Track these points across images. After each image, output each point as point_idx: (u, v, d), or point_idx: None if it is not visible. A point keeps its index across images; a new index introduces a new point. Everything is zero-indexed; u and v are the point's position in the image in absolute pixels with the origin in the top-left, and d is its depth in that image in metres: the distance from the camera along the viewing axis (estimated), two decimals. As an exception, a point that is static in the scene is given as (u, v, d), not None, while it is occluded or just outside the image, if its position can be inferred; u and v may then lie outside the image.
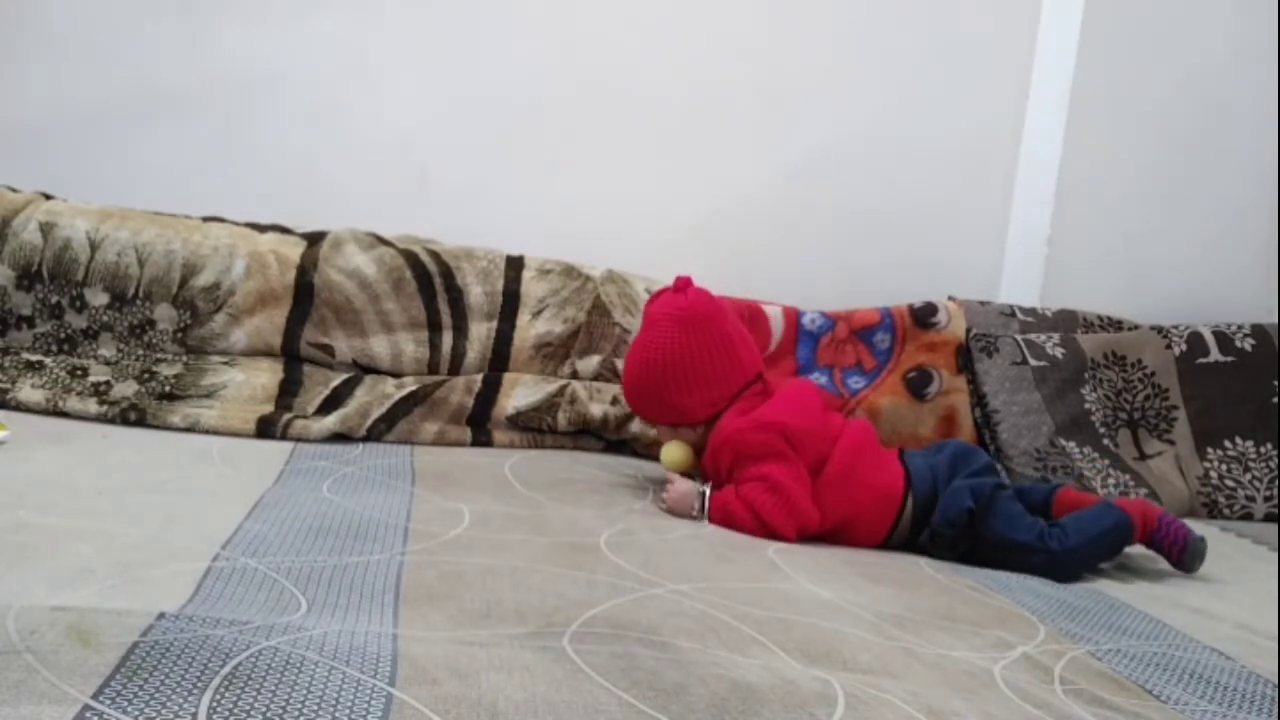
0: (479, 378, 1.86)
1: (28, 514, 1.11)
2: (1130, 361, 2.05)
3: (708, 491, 1.47)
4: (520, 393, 1.85)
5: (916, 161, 2.28)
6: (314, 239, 1.93)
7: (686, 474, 1.56)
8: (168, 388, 1.73)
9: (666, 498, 1.49)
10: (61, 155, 2.06)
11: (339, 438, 1.71)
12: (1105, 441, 1.97)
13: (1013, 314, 2.12)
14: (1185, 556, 1.44)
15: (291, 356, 1.87)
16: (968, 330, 2.05)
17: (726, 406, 1.55)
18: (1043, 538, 1.40)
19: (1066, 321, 2.14)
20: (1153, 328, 2.13)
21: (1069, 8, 2.25)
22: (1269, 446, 1.99)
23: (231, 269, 1.84)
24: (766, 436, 1.46)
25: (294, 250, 1.90)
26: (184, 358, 1.81)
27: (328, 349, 1.87)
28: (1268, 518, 1.93)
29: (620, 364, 1.93)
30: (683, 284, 1.60)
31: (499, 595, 1.01)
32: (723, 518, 1.44)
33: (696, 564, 1.21)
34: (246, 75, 2.10)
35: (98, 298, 1.81)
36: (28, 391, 1.67)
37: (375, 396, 1.78)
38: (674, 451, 1.58)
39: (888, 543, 1.47)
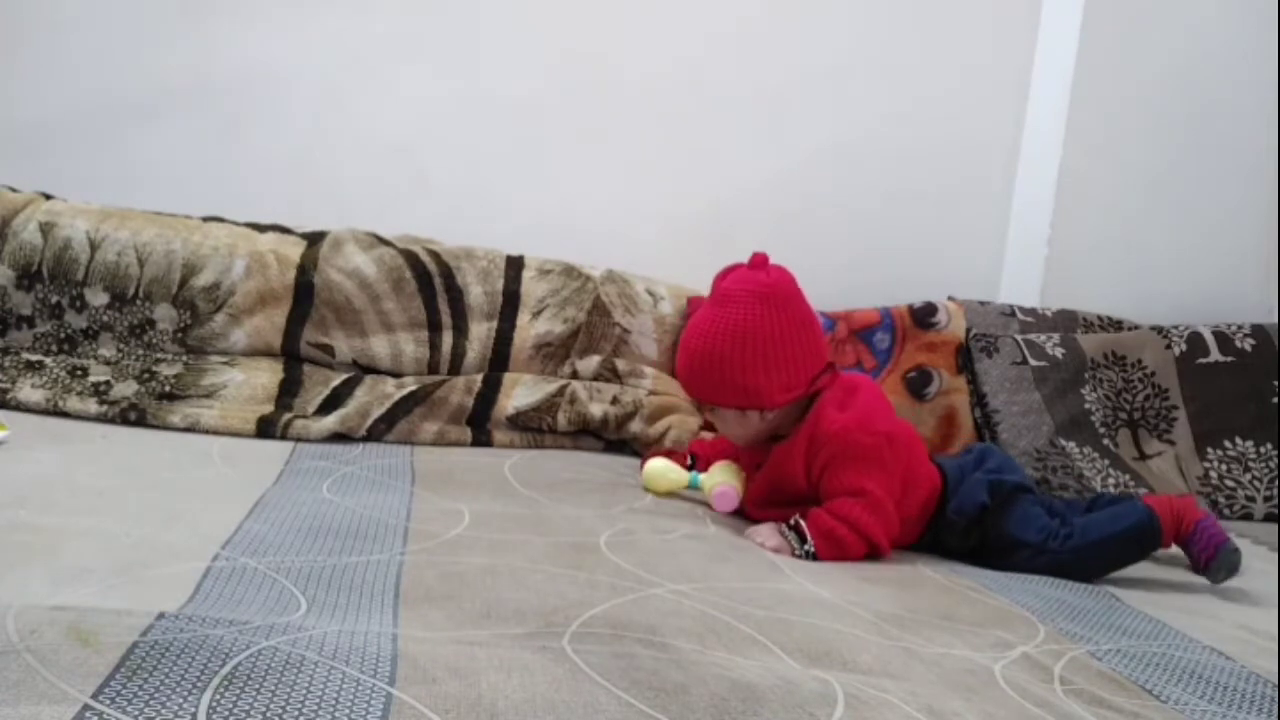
0: (479, 378, 1.87)
1: (28, 514, 1.11)
2: (1130, 361, 2.05)
3: (802, 522, 1.37)
4: (520, 393, 1.85)
5: (916, 162, 2.28)
6: (314, 239, 1.93)
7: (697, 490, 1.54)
8: (168, 388, 1.73)
9: (772, 547, 1.37)
10: (61, 155, 2.06)
11: (339, 438, 1.70)
12: (1105, 441, 1.97)
13: (1013, 314, 2.12)
14: (1212, 565, 1.40)
15: (291, 356, 1.87)
16: (968, 330, 2.05)
17: (803, 393, 1.46)
18: (1047, 539, 1.39)
19: (1066, 321, 2.14)
20: (1153, 328, 2.13)
21: (1069, 8, 2.25)
22: (1269, 446, 1.99)
23: (231, 269, 1.84)
24: (875, 440, 1.40)
25: (294, 250, 1.90)
26: (184, 358, 1.81)
27: (328, 349, 1.87)
28: (1268, 518, 1.93)
29: (621, 364, 1.93)
30: (761, 260, 1.49)
31: (499, 595, 1.01)
32: (830, 547, 1.34)
33: (696, 564, 1.21)
34: (246, 75, 2.10)
35: (98, 298, 1.81)
36: (28, 391, 1.67)
37: (375, 396, 1.78)
38: (724, 475, 1.53)
39: (919, 542, 1.47)
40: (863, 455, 1.39)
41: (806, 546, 1.35)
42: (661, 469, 1.58)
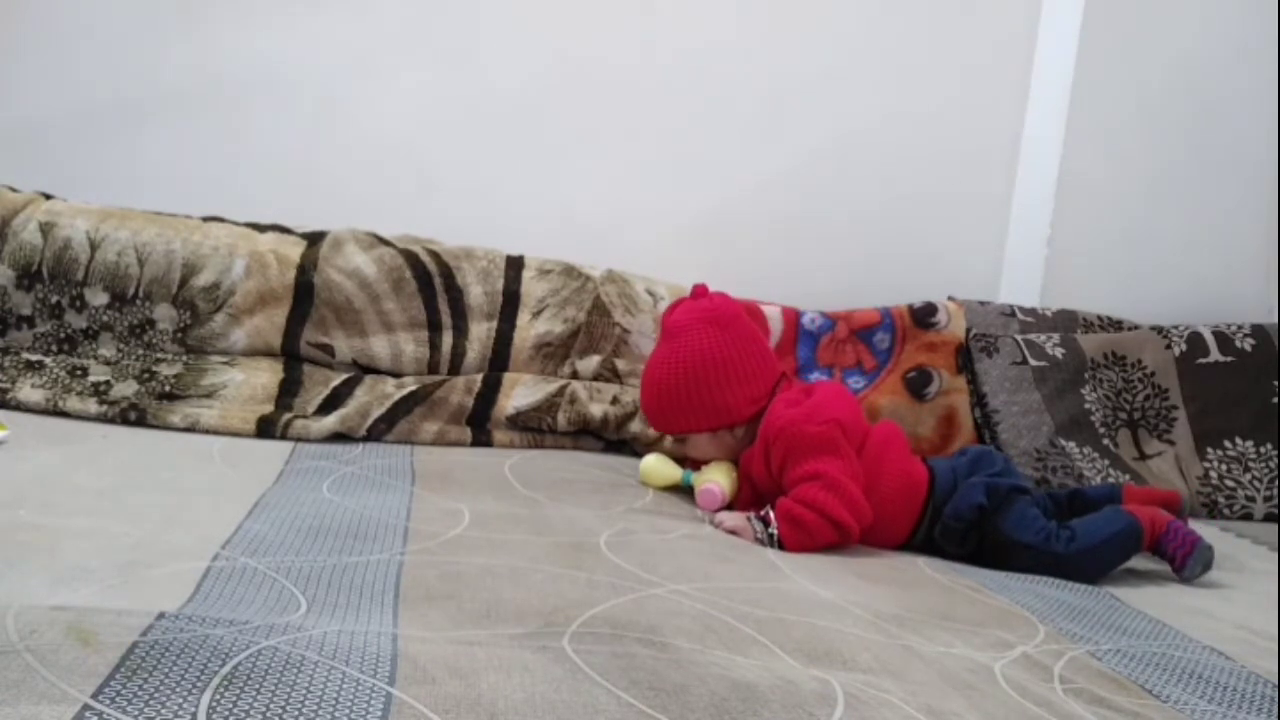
0: (479, 378, 1.87)
1: (28, 514, 1.11)
2: (1130, 361, 2.05)
3: (770, 512, 1.39)
4: (520, 393, 1.85)
5: (916, 162, 2.28)
6: (314, 239, 1.93)
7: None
8: (168, 387, 1.73)
9: (729, 528, 1.41)
10: (61, 155, 2.06)
11: (339, 438, 1.71)
12: (1105, 441, 1.97)
13: (1013, 314, 2.12)
14: (1189, 562, 1.41)
15: (291, 356, 1.87)
16: (968, 330, 2.05)
17: (767, 403, 1.53)
18: (1048, 540, 1.39)
19: (1066, 321, 2.14)
20: (1153, 328, 2.13)
21: (1069, 8, 2.25)
22: (1269, 446, 1.99)
23: (231, 269, 1.84)
24: (823, 428, 1.42)
25: (294, 250, 1.90)
26: (184, 358, 1.81)
27: (328, 349, 1.87)
28: (1268, 518, 1.93)
29: (621, 364, 1.93)
30: (702, 290, 1.61)
31: (499, 595, 1.01)
32: (793, 530, 1.36)
33: (696, 564, 1.21)
34: (246, 75, 2.10)
35: (98, 298, 1.81)
36: (28, 391, 1.67)
37: (375, 396, 1.78)
38: (715, 474, 1.53)
39: (910, 542, 1.47)
40: (814, 443, 1.42)
41: (770, 530, 1.37)
42: (656, 464, 1.61)
